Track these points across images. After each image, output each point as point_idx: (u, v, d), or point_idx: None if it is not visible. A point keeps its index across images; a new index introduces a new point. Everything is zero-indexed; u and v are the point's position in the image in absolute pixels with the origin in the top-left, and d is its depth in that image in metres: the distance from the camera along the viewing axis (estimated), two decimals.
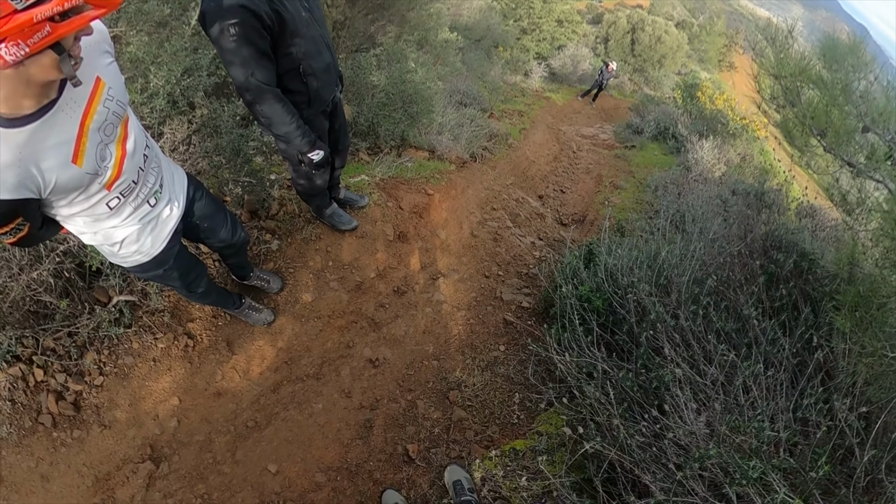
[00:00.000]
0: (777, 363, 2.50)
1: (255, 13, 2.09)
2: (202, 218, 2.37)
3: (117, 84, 1.62)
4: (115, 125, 1.63)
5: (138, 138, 1.79)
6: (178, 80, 3.16)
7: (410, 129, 5.99)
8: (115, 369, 2.78)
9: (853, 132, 3.02)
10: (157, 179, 1.96)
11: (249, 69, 2.23)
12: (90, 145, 1.53)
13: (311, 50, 2.48)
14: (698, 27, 38.04)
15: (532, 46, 23.46)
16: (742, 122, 13.23)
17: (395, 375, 3.29)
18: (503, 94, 13.97)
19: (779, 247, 3.50)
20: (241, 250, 2.84)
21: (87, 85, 1.50)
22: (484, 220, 5.04)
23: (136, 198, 1.85)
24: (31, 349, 2.63)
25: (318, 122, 2.85)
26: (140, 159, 1.80)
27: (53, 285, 2.69)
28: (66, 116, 1.44)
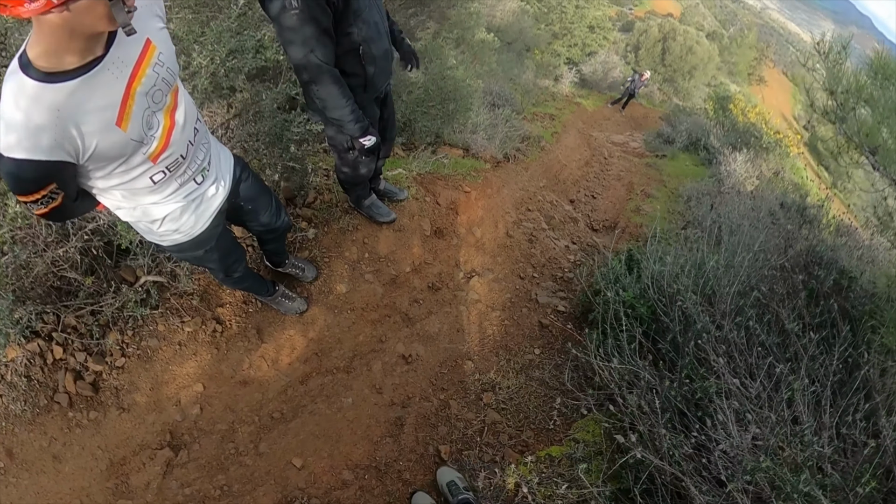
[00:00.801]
0: (819, 379, 2.42)
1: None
2: (247, 199, 2.30)
3: (168, 50, 1.55)
4: (165, 93, 1.55)
5: (189, 110, 1.71)
6: (223, 61, 3.13)
7: (446, 127, 5.95)
8: (139, 351, 2.72)
9: None
10: (206, 157, 1.90)
11: (309, 47, 2.17)
12: (137, 109, 1.44)
13: (372, 34, 2.42)
14: (729, 39, 37.71)
15: (563, 51, 23.35)
16: (776, 136, 13.07)
17: (428, 373, 3.23)
18: (534, 98, 13.91)
19: (819, 263, 3.44)
20: (281, 236, 2.79)
21: (136, 46, 1.42)
22: (519, 221, 4.98)
23: (184, 174, 1.78)
24: (52, 325, 2.57)
25: (370, 109, 2.79)
26: (190, 132, 1.73)
27: (79, 262, 2.63)
28: (111, 76, 1.35)
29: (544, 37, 21.42)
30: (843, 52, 3.54)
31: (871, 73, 3.27)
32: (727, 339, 2.67)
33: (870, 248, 4.62)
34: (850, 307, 3.07)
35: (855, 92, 3.33)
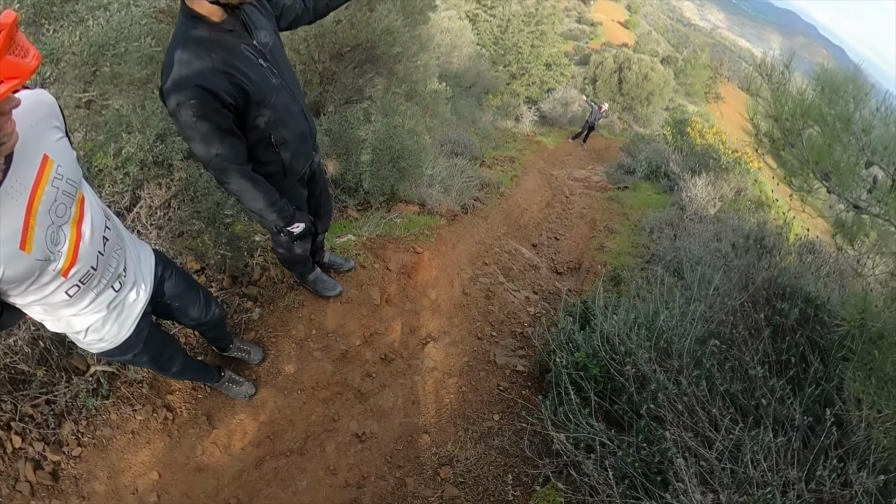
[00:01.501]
0: (788, 423, 2.37)
1: (212, 92, 1.97)
2: (173, 297, 2.26)
3: (67, 161, 1.51)
4: (68, 206, 1.51)
5: (96, 219, 1.66)
6: (152, 146, 3.09)
7: (400, 184, 5.92)
8: (94, 440, 2.71)
9: (856, 168, 2.89)
10: (120, 262, 1.84)
11: (212, 146, 2.10)
12: (39, 230, 1.41)
13: (282, 118, 2.35)
14: (683, 61, 38.92)
15: (522, 91, 23.87)
16: (734, 155, 13.27)
17: (383, 451, 3.12)
18: (494, 141, 14.09)
19: (782, 294, 3.37)
20: (217, 326, 2.73)
21: (33, 165, 1.39)
22: (475, 277, 4.92)
23: (98, 284, 1.73)
24: (10, 414, 2.59)
25: (295, 192, 2.73)
26: (99, 243, 1.68)
27: (30, 353, 2.64)
28: (11, 202, 1.33)
29: (503, 78, 21.89)
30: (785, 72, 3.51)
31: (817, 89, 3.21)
32: (686, 394, 2.60)
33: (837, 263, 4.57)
34: (818, 338, 3.00)
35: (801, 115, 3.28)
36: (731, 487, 2.15)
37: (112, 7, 3.08)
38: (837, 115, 2.94)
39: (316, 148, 2.82)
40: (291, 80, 2.45)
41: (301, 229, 2.62)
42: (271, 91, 2.24)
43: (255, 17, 2.20)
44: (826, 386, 2.63)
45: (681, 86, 35.35)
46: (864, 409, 2.34)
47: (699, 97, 38.10)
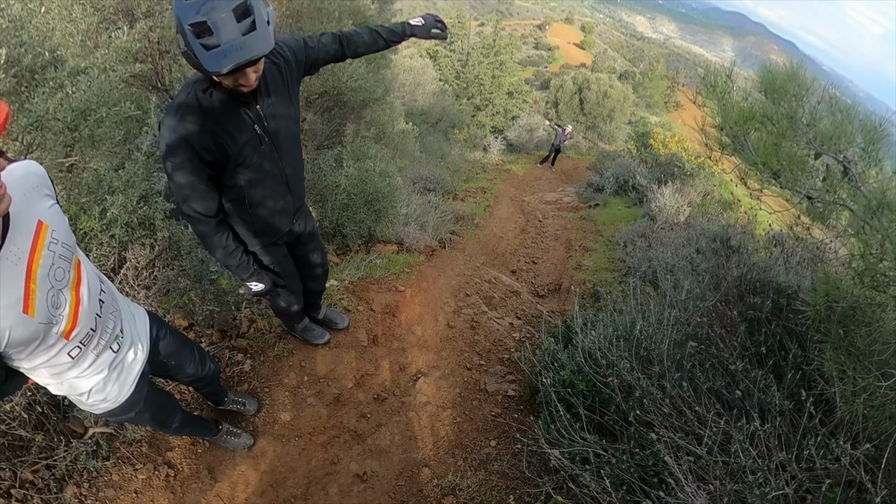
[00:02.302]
0: (773, 410, 2.45)
1: (193, 147, 2.08)
2: (168, 356, 2.32)
3: (61, 226, 1.58)
4: (66, 269, 1.58)
5: (92, 283, 1.73)
6: (135, 208, 3.16)
7: (377, 225, 6.03)
8: (97, 502, 2.68)
9: (806, 161, 3.01)
10: (116, 324, 1.90)
11: (182, 197, 2.21)
12: (40, 293, 1.46)
13: (262, 182, 2.44)
14: (640, 75, 39.83)
15: (487, 121, 24.25)
16: (697, 160, 13.57)
17: (386, 488, 3.15)
18: (465, 174, 14.30)
19: (754, 289, 3.48)
20: (212, 381, 2.79)
21: (28, 231, 1.45)
22: (459, 309, 5.01)
23: (97, 345, 1.79)
24: (9, 482, 2.55)
25: (271, 252, 2.81)
26: (96, 305, 1.75)
27: (27, 418, 2.63)
28: (10, 265, 1.39)
29: (467, 111, 22.21)
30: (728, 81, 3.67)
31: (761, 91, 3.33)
32: (671, 396, 2.70)
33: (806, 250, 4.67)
34: (794, 325, 3.10)
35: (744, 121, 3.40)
36: (724, 478, 2.23)
37: (91, 72, 3.18)
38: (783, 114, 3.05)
39: (301, 214, 2.88)
40: (288, 148, 2.50)
41: (259, 289, 2.70)
42: (257, 155, 2.32)
43: (272, 82, 2.28)
44: (807, 369, 2.72)
45: (640, 99, 36.15)
46: (844, 384, 2.45)
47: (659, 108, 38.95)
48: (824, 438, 2.24)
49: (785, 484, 2.11)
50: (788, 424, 2.42)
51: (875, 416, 2.34)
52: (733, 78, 3.65)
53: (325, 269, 3.37)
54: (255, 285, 2.68)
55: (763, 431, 2.29)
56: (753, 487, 2.08)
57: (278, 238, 2.78)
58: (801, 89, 3.07)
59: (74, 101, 3.12)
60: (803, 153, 2.99)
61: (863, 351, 2.48)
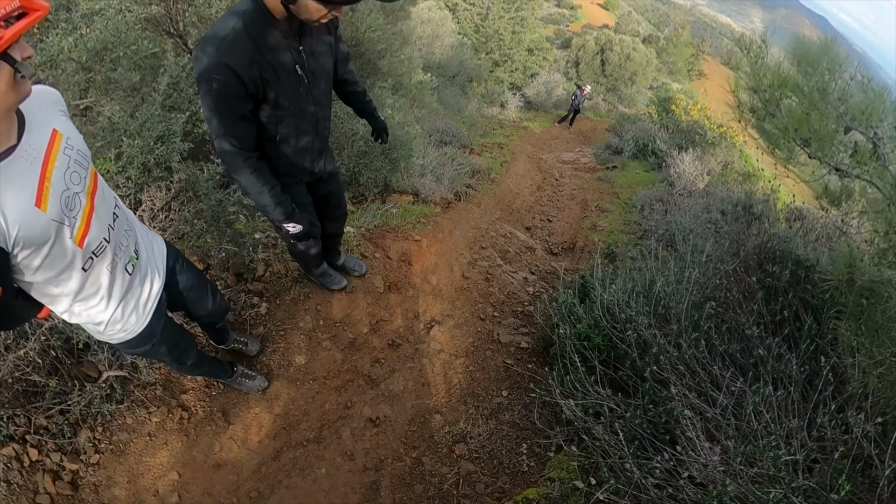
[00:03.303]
0: (786, 379, 2.43)
1: (240, 77, 2.02)
2: (186, 288, 2.32)
3: (75, 136, 1.61)
4: (82, 175, 1.60)
5: (107, 195, 1.75)
6: (152, 149, 3.13)
7: (393, 175, 5.98)
8: (111, 446, 2.71)
9: (835, 135, 2.97)
10: (130, 243, 1.90)
11: (223, 130, 2.14)
12: (54, 191, 1.48)
13: (294, 124, 2.40)
14: (664, 40, 38.86)
15: (505, 77, 23.82)
16: (719, 129, 13.37)
17: (398, 433, 3.19)
18: (482, 129, 14.11)
19: (773, 258, 3.45)
20: (223, 318, 2.80)
21: (44, 135, 1.49)
22: (474, 261, 4.99)
23: (112, 262, 1.78)
24: (24, 428, 2.58)
25: (294, 192, 2.76)
26: (110, 217, 1.75)
27: (41, 363, 2.64)
28: (25, 163, 1.41)
29: (486, 66, 21.81)
30: (763, 46, 3.59)
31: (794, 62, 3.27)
32: (686, 357, 2.69)
33: (825, 228, 4.65)
34: (810, 298, 3.09)
35: (779, 86, 3.34)
36: (736, 439, 2.23)
37: (107, 12, 3.12)
38: (814, 86, 3.00)
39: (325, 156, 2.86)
40: (321, 90, 2.47)
41: (297, 230, 2.64)
42: (293, 96, 2.29)
43: (315, 35, 2.28)
44: (820, 342, 2.71)
45: (663, 64, 35.37)
46: (859, 357, 2.43)
47: (682, 75, 38.12)
48: (836, 411, 2.23)
49: (796, 451, 2.11)
50: (800, 393, 2.40)
51: (887, 391, 2.33)
52: (768, 43, 3.57)
53: (343, 212, 3.34)
54: (293, 227, 2.61)
55: (776, 397, 2.28)
56: (767, 451, 2.08)
57: (300, 178, 2.75)
58: (835, 63, 3.02)
59: (90, 41, 3.06)
60: (832, 127, 2.94)
61: (881, 325, 2.46)
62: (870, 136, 2.79)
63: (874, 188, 2.90)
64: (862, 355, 2.42)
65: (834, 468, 2.03)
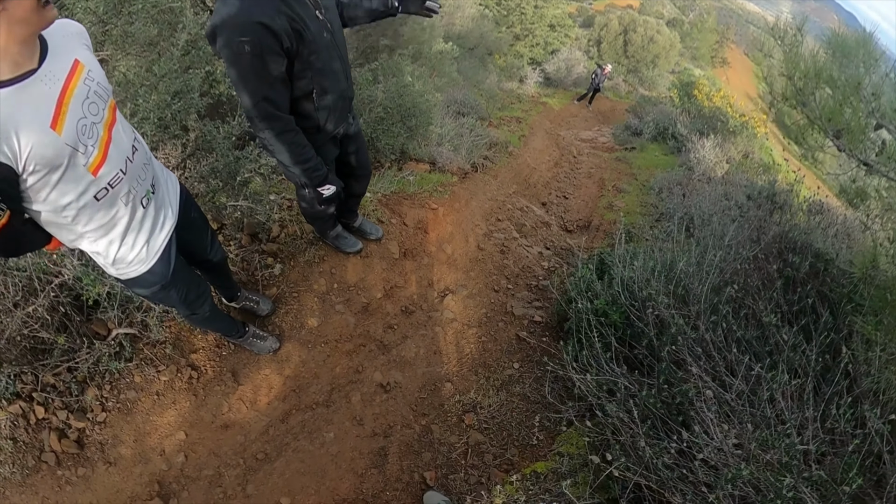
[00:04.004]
0: (801, 369, 2.41)
1: (273, 32, 1.91)
2: (193, 228, 2.30)
3: (97, 69, 1.61)
4: (100, 106, 1.59)
5: (125, 129, 1.75)
6: (169, 104, 3.08)
7: (410, 142, 5.93)
8: (118, 404, 2.70)
9: (866, 130, 2.93)
10: (148, 177, 1.87)
11: (260, 94, 2.04)
12: (70, 116, 1.48)
13: (327, 74, 2.30)
14: (689, 25, 38.18)
15: (526, 52, 23.54)
16: (742, 118, 13.19)
17: (408, 400, 3.18)
18: (500, 102, 13.99)
19: (793, 248, 3.41)
20: (223, 268, 2.79)
21: (66, 62, 1.50)
22: (490, 232, 4.95)
23: (128, 194, 1.76)
24: (31, 386, 2.57)
25: (325, 150, 2.67)
26: (128, 149, 1.74)
27: (50, 320, 2.61)
28: (44, 87, 1.42)
29: (506, 39, 21.57)
30: (798, 34, 3.51)
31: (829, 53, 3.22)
32: (703, 339, 2.66)
33: (844, 225, 4.61)
34: (828, 291, 3.06)
35: (814, 75, 3.29)
36: (750, 424, 2.20)
37: None
38: (848, 79, 2.96)
39: (352, 110, 2.77)
40: (341, 39, 2.40)
41: (331, 192, 2.59)
42: (323, 45, 2.19)
43: None
44: (835, 336, 2.67)
45: (686, 49, 34.78)
46: (876, 351, 2.40)
47: (705, 61, 37.51)
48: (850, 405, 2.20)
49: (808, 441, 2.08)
50: (814, 385, 2.37)
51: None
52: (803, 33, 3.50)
53: (368, 171, 3.29)
54: (327, 189, 2.57)
55: (791, 386, 2.25)
56: (781, 438, 2.06)
57: (335, 134, 2.67)
58: (871, 58, 2.98)
59: None
60: (864, 122, 2.90)
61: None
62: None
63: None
64: (878, 350, 2.39)
65: (845, 462, 2.01)
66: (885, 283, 2.66)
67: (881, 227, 4.19)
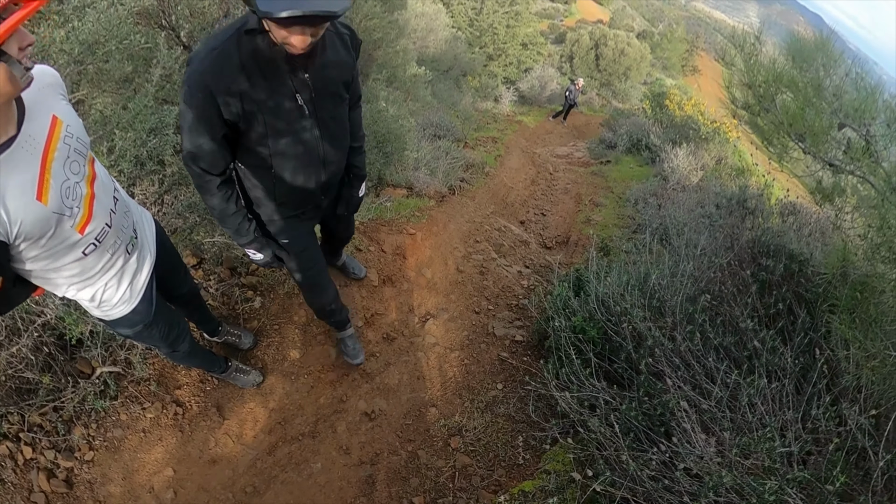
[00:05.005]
0: (780, 372, 2.45)
1: (214, 99, 1.82)
2: (168, 264, 2.31)
3: (75, 122, 1.61)
4: (81, 163, 1.60)
5: (105, 179, 1.75)
6: (144, 142, 3.11)
7: (386, 168, 5.98)
8: (105, 443, 2.69)
9: (829, 130, 2.99)
10: (129, 225, 1.90)
11: (188, 147, 1.96)
12: (54, 183, 1.48)
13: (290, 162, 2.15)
14: (659, 35, 38.80)
15: (499, 72, 23.75)
16: (713, 125, 13.39)
17: (393, 426, 3.19)
18: (476, 122, 14.10)
19: (767, 252, 3.46)
20: (198, 300, 2.80)
21: (44, 123, 1.49)
22: (468, 254, 4.99)
23: (114, 244, 1.79)
24: (18, 426, 2.56)
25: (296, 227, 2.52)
26: (111, 202, 1.76)
27: (34, 360, 2.61)
28: (26, 154, 1.41)
29: (480, 60, 21.75)
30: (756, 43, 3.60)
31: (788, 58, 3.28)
32: (681, 350, 2.70)
33: (818, 224, 4.67)
34: (804, 292, 3.10)
35: (773, 81, 3.35)
36: (731, 431, 2.24)
37: (99, 5, 3.09)
38: (809, 82, 3.04)
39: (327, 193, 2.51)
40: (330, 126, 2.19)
41: (258, 259, 2.48)
42: (290, 129, 2.05)
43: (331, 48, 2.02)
44: (813, 335, 2.72)
45: (658, 60, 35.33)
46: (852, 349, 2.45)
47: (676, 70, 38.09)
48: (830, 403, 2.25)
49: (790, 443, 2.12)
50: (794, 386, 2.41)
51: (881, 383, 2.34)
52: (762, 40, 3.59)
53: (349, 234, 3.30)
54: (254, 254, 2.45)
55: (770, 389, 2.29)
56: (762, 442, 2.09)
57: (302, 213, 2.50)
58: (830, 60, 3.05)
59: (82, 34, 3.03)
60: (827, 123, 2.96)
61: (874, 319, 2.48)
62: (862, 134, 2.82)
63: (867, 184, 2.93)
64: (855, 348, 2.44)
65: (828, 460, 2.05)
66: (856, 281, 2.70)
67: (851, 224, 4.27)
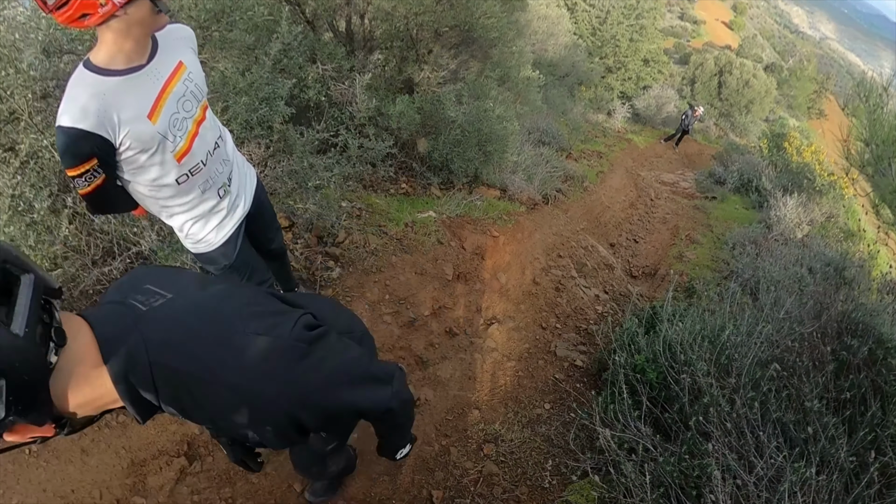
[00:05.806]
0: (833, 463, 2.31)
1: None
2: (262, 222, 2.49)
3: (197, 71, 1.88)
4: (194, 104, 1.85)
5: (212, 125, 1.99)
6: (256, 108, 3.31)
7: (484, 167, 6.02)
8: None
9: None
10: (225, 171, 2.10)
11: None
12: (166, 110, 1.74)
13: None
14: (788, 71, 36.59)
15: (616, 85, 23.23)
16: (830, 178, 12.66)
17: (434, 418, 3.26)
18: (583, 134, 13.87)
19: (854, 331, 3.26)
20: (284, 259, 2.94)
21: (171, 63, 1.76)
22: (548, 267, 4.99)
23: (206, 183, 2.00)
24: None
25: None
26: (211, 144, 1.98)
27: None
28: (149, 81, 1.69)
29: (598, 70, 21.33)
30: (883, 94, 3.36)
31: None
32: (738, 414, 2.61)
33: None
34: (883, 383, 2.90)
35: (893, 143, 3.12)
36: None
37: None
38: None
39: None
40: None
41: None
42: None
43: None
44: (880, 434, 2.56)
45: (783, 97, 33.41)
46: None
47: (801, 111, 35.89)
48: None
49: None
50: (844, 483, 2.29)
51: None
52: (890, 93, 3.32)
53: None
54: None
55: (817, 481, 2.17)
56: None
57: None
58: None
59: (208, 3, 3.26)
60: None
61: None
62: None
63: None
64: None
65: None
66: None
67: None
